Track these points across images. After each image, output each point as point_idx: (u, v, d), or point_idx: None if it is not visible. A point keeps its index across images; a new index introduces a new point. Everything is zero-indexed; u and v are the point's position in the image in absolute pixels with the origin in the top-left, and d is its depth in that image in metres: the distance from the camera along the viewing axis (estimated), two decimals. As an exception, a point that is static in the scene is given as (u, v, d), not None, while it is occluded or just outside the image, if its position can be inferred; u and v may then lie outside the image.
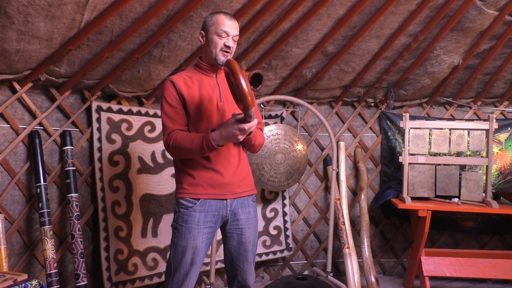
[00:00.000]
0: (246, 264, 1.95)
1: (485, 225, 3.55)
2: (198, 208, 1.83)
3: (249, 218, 1.93)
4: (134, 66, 2.69)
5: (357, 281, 3.14)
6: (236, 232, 1.91)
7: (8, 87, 2.51)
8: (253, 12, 2.53)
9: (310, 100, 3.62)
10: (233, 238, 1.92)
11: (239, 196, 1.90)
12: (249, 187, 1.96)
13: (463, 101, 3.81)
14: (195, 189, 1.83)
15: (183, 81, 1.86)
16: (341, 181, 3.48)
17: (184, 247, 1.82)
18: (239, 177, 1.89)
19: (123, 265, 2.77)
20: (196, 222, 1.82)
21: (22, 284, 1.84)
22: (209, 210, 1.84)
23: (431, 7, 2.83)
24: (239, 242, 1.92)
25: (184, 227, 1.82)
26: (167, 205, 2.99)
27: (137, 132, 2.92)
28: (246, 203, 1.93)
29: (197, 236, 1.82)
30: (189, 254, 1.82)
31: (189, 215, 1.82)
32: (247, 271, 1.96)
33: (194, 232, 1.82)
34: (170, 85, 1.85)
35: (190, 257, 1.82)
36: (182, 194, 1.85)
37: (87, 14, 2.14)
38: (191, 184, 1.84)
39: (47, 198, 2.50)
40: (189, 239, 1.81)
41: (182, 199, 1.85)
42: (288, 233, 3.49)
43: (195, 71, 1.93)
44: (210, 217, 1.84)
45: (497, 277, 3.15)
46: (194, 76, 1.90)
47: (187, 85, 1.86)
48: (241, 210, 1.91)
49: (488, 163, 3.13)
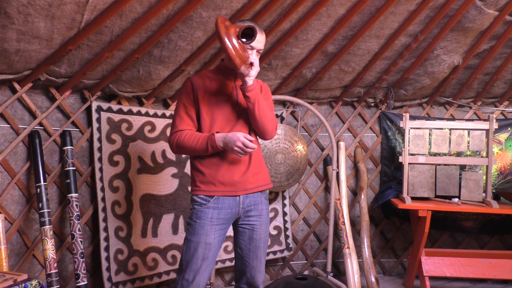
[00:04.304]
0: (256, 261, 1.97)
1: (485, 225, 3.55)
2: (211, 205, 1.87)
3: (261, 216, 1.97)
4: (134, 66, 2.69)
5: (357, 281, 3.13)
6: (248, 228, 1.95)
7: (8, 87, 2.51)
8: (253, 12, 2.53)
9: (310, 100, 3.62)
10: (244, 233, 1.96)
11: (250, 192, 1.93)
12: (261, 183, 1.97)
13: (463, 101, 3.81)
14: (207, 186, 1.88)
15: (201, 80, 1.93)
16: (341, 181, 3.47)
17: (197, 242, 1.85)
18: (250, 173, 1.92)
19: (123, 265, 2.77)
20: (209, 219, 1.86)
21: (22, 284, 1.84)
22: (222, 207, 1.88)
23: (431, 7, 2.83)
24: (250, 238, 1.95)
25: (198, 223, 1.87)
26: (167, 205, 2.99)
27: (137, 132, 2.91)
28: (259, 200, 1.96)
29: (209, 232, 1.86)
30: (201, 249, 1.85)
31: (202, 211, 1.87)
32: (257, 268, 1.98)
33: (207, 228, 1.86)
34: (188, 84, 1.92)
35: (202, 253, 1.85)
36: (196, 192, 1.90)
37: (87, 14, 2.14)
38: (203, 182, 1.89)
39: (47, 198, 2.50)
40: (202, 235, 1.85)
41: (196, 196, 1.90)
42: (288, 233, 3.49)
43: (216, 72, 1.98)
44: (223, 214, 1.88)
45: (497, 277, 3.15)
46: (214, 77, 1.95)
47: (205, 85, 1.92)
48: (254, 207, 1.95)
49: (488, 163, 3.13)
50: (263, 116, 1.88)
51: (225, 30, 1.71)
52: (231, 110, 1.92)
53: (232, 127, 1.90)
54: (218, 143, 1.81)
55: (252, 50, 1.86)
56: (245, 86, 1.82)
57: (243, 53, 1.77)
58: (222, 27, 1.71)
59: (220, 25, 1.71)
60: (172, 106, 3.13)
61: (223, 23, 1.74)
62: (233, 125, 1.91)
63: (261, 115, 1.87)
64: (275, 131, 1.98)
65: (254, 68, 1.81)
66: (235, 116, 1.92)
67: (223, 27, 1.72)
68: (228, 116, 1.91)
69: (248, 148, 1.77)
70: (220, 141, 1.81)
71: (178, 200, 3.03)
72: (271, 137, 1.97)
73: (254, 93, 1.83)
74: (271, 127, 1.93)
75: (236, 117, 1.92)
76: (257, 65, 1.83)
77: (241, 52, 1.76)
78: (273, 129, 1.95)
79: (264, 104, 1.89)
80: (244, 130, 1.93)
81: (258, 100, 1.85)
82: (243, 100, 1.90)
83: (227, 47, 1.71)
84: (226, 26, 1.74)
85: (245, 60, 1.77)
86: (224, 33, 1.70)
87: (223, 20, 1.76)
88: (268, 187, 2.01)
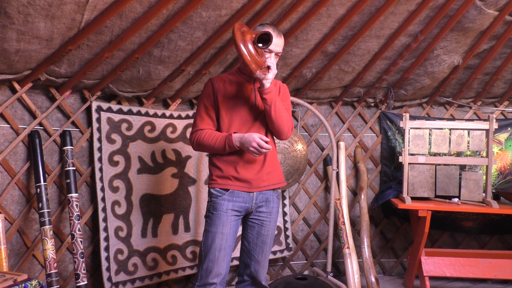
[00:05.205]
0: (261, 256, 2.05)
1: (485, 225, 3.55)
2: (227, 197, 1.96)
3: (272, 213, 2.06)
4: (134, 66, 2.69)
5: (357, 281, 3.13)
6: (257, 223, 2.04)
7: (8, 87, 2.51)
8: (253, 12, 2.53)
9: (310, 100, 3.62)
10: (253, 228, 2.05)
11: (264, 190, 2.02)
12: (274, 181, 2.06)
13: (463, 101, 3.81)
14: (223, 180, 1.98)
15: (222, 83, 2.01)
16: (341, 181, 3.47)
17: (214, 232, 1.95)
18: (265, 172, 2.01)
19: (123, 265, 2.77)
20: (224, 210, 1.96)
21: (22, 284, 1.84)
22: (236, 200, 1.97)
23: (431, 7, 2.83)
24: (258, 233, 2.04)
25: (215, 214, 1.96)
26: (167, 205, 2.99)
27: (137, 132, 2.91)
28: (271, 198, 2.05)
29: (225, 223, 1.95)
30: (218, 239, 1.94)
31: (218, 203, 1.97)
32: (261, 262, 2.06)
33: (223, 219, 1.95)
34: (209, 85, 2.02)
35: (219, 243, 1.94)
36: (213, 185, 2.00)
37: (87, 14, 2.14)
38: (220, 177, 1.99)
39: (47, 198, 2.50)
40: (219, 225, 1.95)
41: (213, 189, 2.00)
42: (288, 233, 3.49)
43: (236, 74, 2.06)
44: (237, 207, 1.98)
45: (497, 277, 3.15)
46: (234, 79, 2.04)
47: (225, 87, 2.00)
48: (265, 203, 2.03)
49: (488, 163, 3.13)
50: (279, 117, 1.95)
51: (241, 37, 1.78)
52: (249, 111, 2.00)
53: (249, 128, 1.99)
54: (235, 143, 1.91)
55: (271, 54, 1.94)
56: (263, 89, 1.89)
57: (259, 58, 1.84)
58: (238, 34, 1.78)
59: (236, 32, 1.78)
60: (172, 106, 3.13)
61: (239, 30, 1.81)
62: (250, 126, 2.00)
63: (277, 116, 1.94)
64: (291, 131, 2.05)
65: (271, 72, 1.88)
66: (253, 118, 2.01)
67: (239, 34, 1.78)
68: (245, 118, 2.00)
69: (263, 149, 1.86)
70: (237, 141, 1.91)
71: (178, 200, 3.03)
72: (287, 137, 2.04)
73: (271, 96, 1.90)
74: (287, 128, 2.01)
75: (253, 118, 2.01)
76: (274, 68, 1.89)
77: (256, 58, 1.82)
78: (289, 130, 2.02)
79: (281, 105, 1.96)
80: (261, 131, 2.01)
81: (275, 102, 1.92)
82: (261, 102, 1.97)
83: (242, 54, 1.78)
84: (242, 32, 1.81)
85: (261, 65, 1.84)
86: (240, 40, 1.77)
87: (240, 27, 1.82)
88: (281, 186, 2.11)
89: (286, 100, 2.11)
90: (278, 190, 2.12)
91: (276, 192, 2.09)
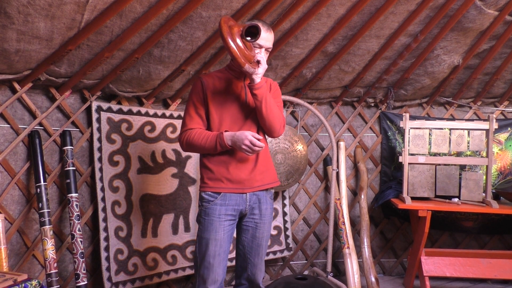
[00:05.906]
0: (257, 259, 2.01)
1: (485, 225, 3.55)
2: (219, 202, 1.90)
3: (265, 215, 2.00)
4: (134, 66, 2.69)
5: (357, 281, 3.13)
6: (252, 226, 1.99)
7: (8, 87, 2.51)
8: (253, 12, 2.53)
9: (310, 100, 3.62)
10: (248, 231, 1.99)
11: (257, 190, 1.96)
12: (267, 181, 2.00)
13: (463, 101, 3.81)
14: (215, 183, 1.92)
15: (211, 79, 1.95)
16: (341, 181, 3.47)
17: (208, 239, 1.89)
18: (258, 172, 1.96)
19: (123, 265, 2.77)
20: (217, 215, 1.90)
21: (22, 284, 1.84)
22: (229, 204, 1.91)
23: (431, 7, 2.83)
24: (253, 236, 1.99)
25: (207, 220, 1.91)
26: (167, 205, 2.99)
27: (137, 132, 2.91)
28: (264, 199, 1.99)
29: (218, 228, 1.89)
30: (212, 246, 1.88)
31: (210, 208, 1.90)
32: (257, 265, 2.02)
33: (216, 225, 1.89)
34: (198, 83, 1.96)
35: (213, 250, 1.89)
36: (204, 188, 1.94)
37: (87, 14, 2.14)
38: (211, 179, 1.93)
39: (47, 198, 2.50)
40: (212, 232, 1.89)
41: (204, 193, 1.93)
42: (288, 233, 3.49)
43: (226, 72, 2.00)
44: (230, 210, 1.92)
45: (497, 277, 3.15)
46: (223, 76, 1.98)
47: (214, 84, 1.94)
48: (259, 205, 1.98)
49: (488, 163, 3.13)
50: (270, 114, 1.89)
51: (228, 30, 1.73)
52: (240, 109, 1.94)
53: (240, 126, 1.93)
54: (226, 141, 1.85)
55: (260, 49, 1.90)
56: (253, 84, 1.84)
57: (248, 52, 1.78)
58: (224, 26, 1.73)
59: (222, 25, 1.73)
60: (172, 106, 3.13)
61: (226, 23, 1.76)
62: (241, 124, 1.94)
63: (268, 113, 1.88)
64: (283, 129, 1.99)
65: (261, 66, 1.83)
66: (244, 115, 1.95)
67: (226, 27, 1.73)
68: (236, 115, 1.94)
69: (255, 147, 1.80)
70: (229, 139, 1.85)
71: (178, 200, 3.03)
72: (279, 135, 1.99)
73: (261, 91, 1.85)
74: (279, 125, 1.94)
75: (244, 116, 1.95)
76: (264, 63, 1.85)
77: (245, 51, 1.77)
78: (281, 127, 1.96)
79: (272, 102, 1.90)
80: (253, 129, 1.95)
81: (266, 98, 1.86)
82: (252, 99, 1.92)
83: (229, 46, 1.72)
84: (229, 25, 1.76)
85: (250, 59, 1.79)
86: (226, 33, 1.72)
87: (226, 20, 1.77)
88: (275, 185, 2.05)
89: (278, 97, 2.05)
90: (271, 191, 2.05)
91: (269, 193, 2.03)
